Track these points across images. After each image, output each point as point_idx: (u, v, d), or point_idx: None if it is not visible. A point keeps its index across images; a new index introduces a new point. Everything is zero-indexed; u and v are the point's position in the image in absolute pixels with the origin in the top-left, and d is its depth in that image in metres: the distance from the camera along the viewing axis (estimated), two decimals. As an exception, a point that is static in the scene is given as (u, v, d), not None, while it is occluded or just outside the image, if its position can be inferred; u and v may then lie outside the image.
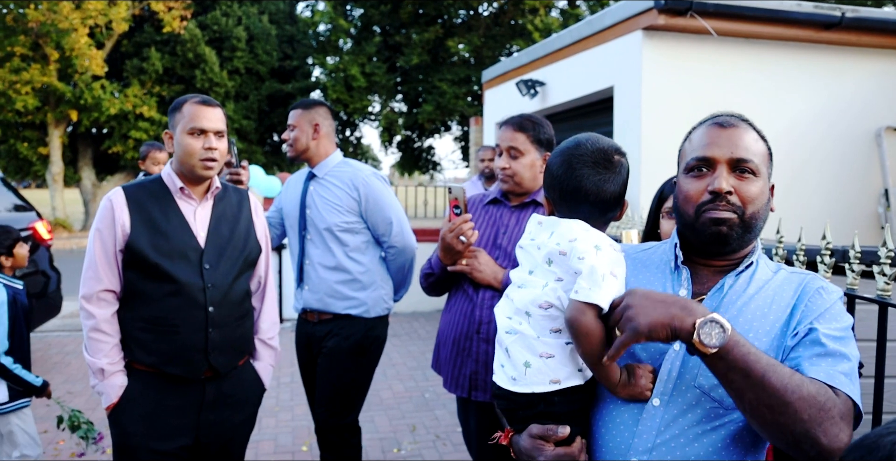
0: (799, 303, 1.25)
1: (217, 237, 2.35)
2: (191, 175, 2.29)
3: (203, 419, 2.32)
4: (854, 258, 2.01)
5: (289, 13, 21.30)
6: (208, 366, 2.28)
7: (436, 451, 4.45)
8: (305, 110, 3.09)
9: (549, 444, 1.28)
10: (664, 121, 5.21)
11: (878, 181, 5.66)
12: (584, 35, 6.04)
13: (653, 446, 1.21)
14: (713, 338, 1.09)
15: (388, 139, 22.48)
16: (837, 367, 1.15)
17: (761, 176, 1.29)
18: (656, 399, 1.24)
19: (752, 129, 1.34)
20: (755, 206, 1.27)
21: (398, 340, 7.50)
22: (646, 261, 1.41)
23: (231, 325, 2.34)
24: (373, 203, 3.04)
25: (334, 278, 3.03)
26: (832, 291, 1.27)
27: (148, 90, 18.22)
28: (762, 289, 1.29)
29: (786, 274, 1.32)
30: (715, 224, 1.24)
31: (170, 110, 2.32)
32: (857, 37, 5.37)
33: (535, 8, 19.03)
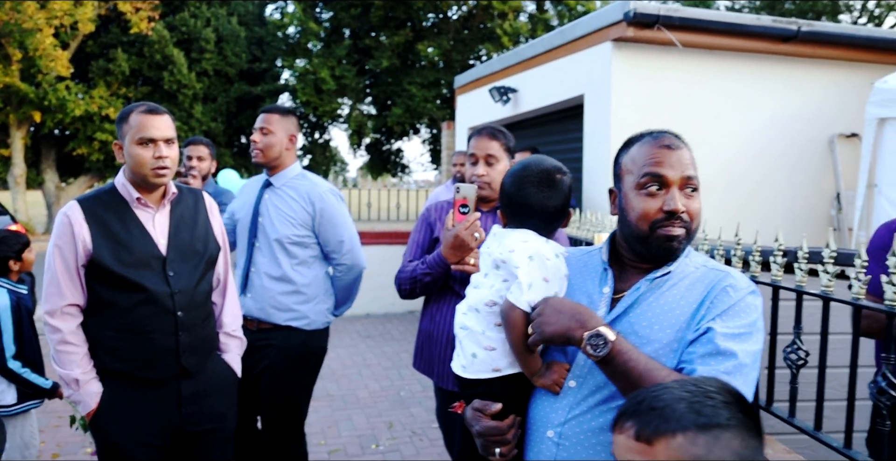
0: (706, 300, 1.40)
1: (178, 242, 2.37)
2: (144, 184, 2.30)
3: (184, 412, 2.38)
4: (802, 258, 2.22)
5: (258, 15, 21.19)
6: (180, 367, 2.34)
7: (413, 447, 4.60)
8: (283, 117, 3.10)
9: (486, 417, 1.51)
10: (632, 128, 5.37)
11: (831, 185, 5.96)
12: (556, 44, 6.24)
13: (565, 420, 1.42)
14: (598, 349, 1.31)
15: (357, 142, 22.51)
16: (721, 366, 1.31)
17: (700, 190, 1.45)
18: (573, 381, 1.45)
19: (687, 147, 1.49)
20: (697, 221, 1.44)
21: (372, 341, 7.62)
22: (587, 262, 1.59)
23: (198, 327, 2.40)
24: (327, 219, 3.05)
25: (279, 289, 3.02)
26: (740, 289, 1.40)
27: (114, 92, 17.99)
28: (675, 285, 1.44)
29: (705, 270, 1.46)
30: (668, 240, 1.41)
31: (117, 121, 2.31)
32: (812, 49, 5.66)
33: (503, 12, 19.26)
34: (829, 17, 22.73)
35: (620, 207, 1.50)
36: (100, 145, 17.57)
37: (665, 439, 0.96)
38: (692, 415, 0.96)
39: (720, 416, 0.96)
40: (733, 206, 5.60)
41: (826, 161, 5.98)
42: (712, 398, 0.98)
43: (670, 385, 1.03)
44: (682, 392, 0.99)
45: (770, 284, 2.39)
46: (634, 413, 1.01)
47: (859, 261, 1.99)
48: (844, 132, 5.86)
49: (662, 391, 1.01)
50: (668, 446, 0.96)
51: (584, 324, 1.35)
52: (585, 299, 1.52)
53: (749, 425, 0.98)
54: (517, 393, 1.54)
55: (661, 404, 0.99)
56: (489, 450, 1.52)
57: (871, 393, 1.88)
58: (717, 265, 1.48)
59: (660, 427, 0.96)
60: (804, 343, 2.20)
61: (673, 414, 0.97)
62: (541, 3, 20.97)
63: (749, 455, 0.96)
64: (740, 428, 0.97)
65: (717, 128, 5.66)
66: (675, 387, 1.01)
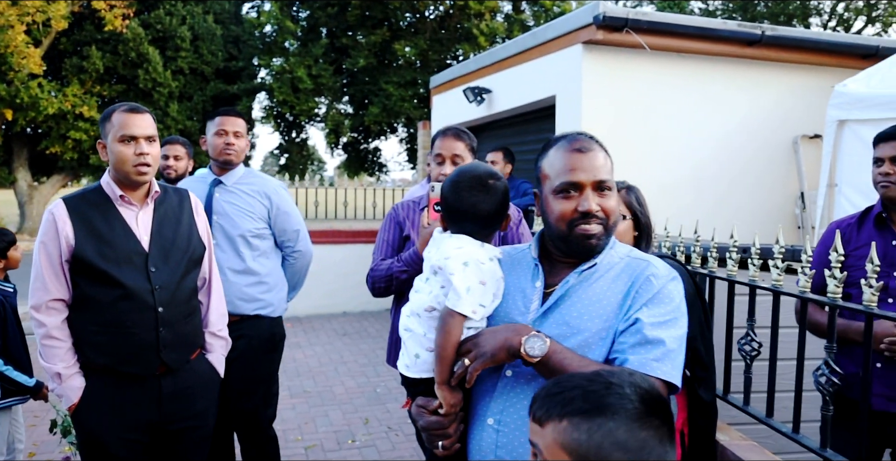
0: (631, 290, 1.50)
1: (160, 240, 2.43)
2: (127, 181, 2.37)
3: (164, 410, 2.43)
4: (755, 254, 2.34)
5: (234, 13, 21.06)
6: (161, 362, 2.39)
7: (389, 442, 4.68)
8: (244, 121, 3.30)
9: (428, 412, 1.61)
10: (602, 128, 5.55)
11: (795, 185, 6.13)
12: (528, 46, 6.35)
13: (503, 408, 1.52)
14: (535, 350, 1.42)
15: (335, 141, 22.47)
16: (650, 354, 1.42)
17: (614, 188, 1.56)
18: (509, 370, 1.55)
19: (600, 146, 1.60)
20: (615, 216, 1.56)
21: (349, 339, 7.68)
22: (520, 259, 1.69)
23: (180, 323, 2.44)
24: (283, 212, 3.30)
25: (244, 281, 3.18)
26: (661, 277, 1.51)
27: (88, 90, 17.77)
28: (602, 277, 1.55)
29: (629, 260, 1.57)
30: (587, 238, 1.52)
31: (100, 120, 2.39)
32: (776, 53, 5.82)
33: (480, 12, 19.36)
34: (800, 20, 23.13)
35: (542, 209, 1.62)
36: (73, 144, 17.35)
37: (553, 422, 1.02)
38: (580, 403, 1.01)
39: (607, 406, 1.00)
40: (702, 205, 5.75)
41: (791, 161, 6.16)
42: (609, 388, 1.02)
43: (578, 374, 1.09)
44: (583, 381, 1.05)
45: (726, 279, 2.51)
46: (538, 397, 1.08)
47: (805, 257, 2.11)
48: (808, 133, 6.03)
49: (568, 379, 1.07)
50: (554, 429, 1.01)
51: (519, 332, 1.46)
52: (519, 294, 1.61)
53: (643, 419, 1.00)
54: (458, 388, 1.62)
55: (558, 390, 1.05)
56: (433, 443, 1.62)
57: (815, 380, 2.00)
58: (639, 255, 1.59)
59: (550, 410, 1.03)
60: (762, 335, 2.31)
61: (563, 400, 1.02)
62: (517, 4, 21.11)
63: (634, 446, 0.98)
64: (629, 419, 0.99)
65: (686, 129, 5.81)
66: (580, 377, 1.07)
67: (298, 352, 7.03)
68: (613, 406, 1.00)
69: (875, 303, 1.85)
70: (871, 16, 22.57)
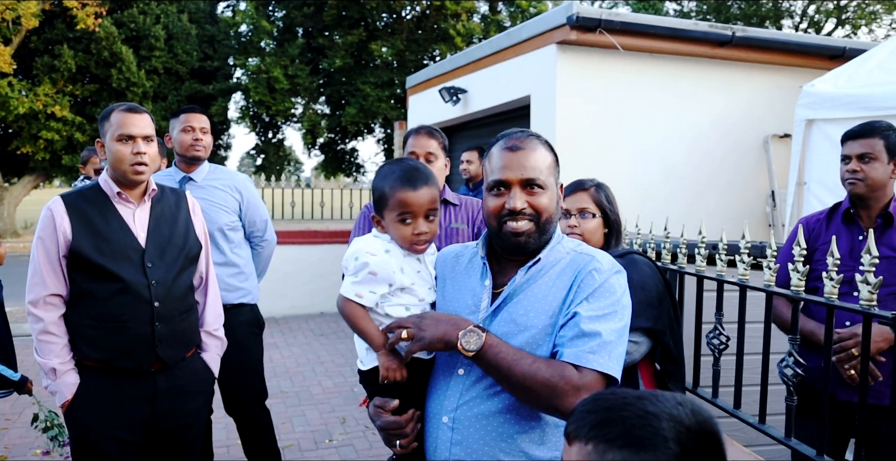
0: (574, 284, 1.53)
1: (157, 237, 2.48)
2: (124, 180, 2.41)
3: (157, 408, 2.45)
4: (722, 249, 2.39)
5: (209, 13, 20.88)
6: (156, 358, 2.41)
7: (366, 441, 4.68)
8: (208, 118, 3.39)
9: (386, 412, 1.64)
10: (577, 127, 5.61)
11: (766, 184, 6.24)
12: (503, 46, 6.39)
13: (457, 406, 1.55)
14: (471, 344, 1.45)
15: (312, 141, 22.38)
16: (586, 346, 1.44)
17: (549, 187, 1.57)
18: (461, 369, 1.58)
19: (541, 144, 1.61)
20: (547, 213, 1.56)
21: (326, 339, 7.66)
22: (471, 258, 1.72)
23: (176, 319, 2.48)
24: (252, 205, 3.48)
25: (226, 273, 3.31)
26: (604, 271, 1.53)
27: (60, 89, 17.51)
28: (547, 273, 1.57)
29: (574, 255, 1.59)
30: (515, 236, 1.55)
31: (99, 120, 2.45)
32: (747, 53, 5.91)
33: (457, 13, 19.41)
34: (772, 21, 23.49)
35: (482, 207, 1.69)
36: (45, 144, 17.10)
37: (579, 443, 0.94)
38: (608, 428, 0.91)
39: (637, 440, 0.89)
40: (675, 203, 5.83)
41: (761, 160, 6.26)
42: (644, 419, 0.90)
43: (620, 392, 0.98)
44: (619, 402, 0.94)
45: (694, 274, 2.56)
46: (574, 411, 1.00)
47: (770, 252, 2.16)
48: (778, 133, 6.14)
49: (605, 397, 0.97)
50: (579, 450, 0.93)
51: (459, 326, 1.49)
52: (469, 293, 1.64)
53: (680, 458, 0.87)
54: (413, 388, 1.66)
55: (592, 408, 0.96)
56: (391, 442, 1.65)
57: (780, 372, 2.05)
58: (585, 249, 1.61)
59: (579, 429, 0.95)
60: (731, 330, 2.37)
61: (593, 421, 0.93)
62: (494, 5, 21.19)
63: None
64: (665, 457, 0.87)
65: (659, 128, 5.89)
66: (620, 395, 0.96)
67: (276, 352, 6.99)
68: (644, 442, 0.87)
69: (836, 296, 1.90)
70: (841, 18, 22.98)
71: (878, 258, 2.49)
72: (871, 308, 1.75)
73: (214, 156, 22.03)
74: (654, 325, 2.26)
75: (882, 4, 21.91)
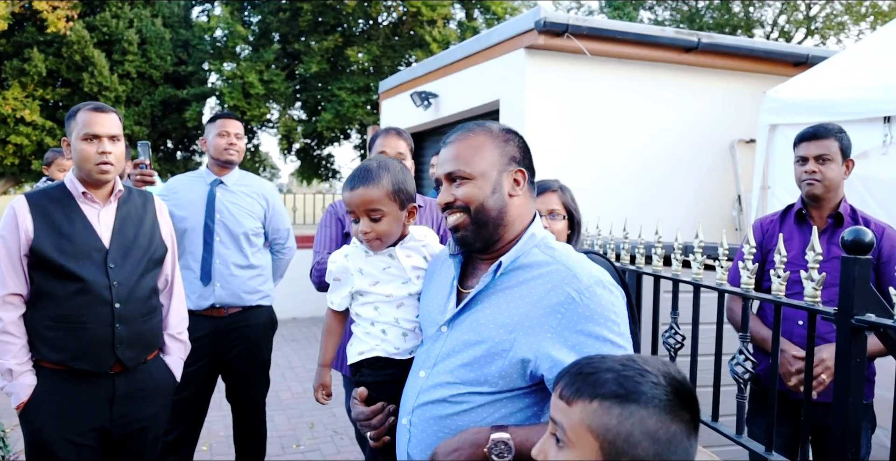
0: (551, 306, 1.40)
1: (121, 237, 2.46)
2: (90, 179, 2.41)
3: (115, 411, 2.43)
4: (677, 249, 2.41)
5: (184, 17, 20.69)
6: (116, 360, 2.39)
7: (333, 445, 4.65)
8: (241, 124, 3.53)
9: (360, 403, 1.67)
10: (546, 131, 5.64)
11: (733, 188, 6.31)
12: (473, 51, 6.41)
13: (413, 408, 1.53)
14: (504, 455, 1.35)
15: (287, 147, 22.27)
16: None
17: (479, 175, 1.49)
18: (422, 371, 1.55)
19: (480, 132, 1.53)
20: (476, 203, 1.48)
21: (297, 344, 7.62)
22: (446, 256, 1.70)
23: (137, 321, 2.46)
24: (277, 213, 3.62)
25: (247, 275, 3.45)
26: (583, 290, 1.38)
27: (30, 93, 17.23)
28: (524, 281, 1.46)
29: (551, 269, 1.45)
30: (454, 231, 1.53)
31: (66, 119, 2.45)
32: (713, 59, 6.00)
33: (432, 19, 19.45)
34: (744, 30, 23.87)
35: None
36: (14, 149, 16.80)
37: (582, 402, 1.00)
38: (613, 386, 0.99)
39: (641, 393, 0.98)
40: (644, 208, 5.88)
41: (728, 165, 6.34)
42: (644, 376, 1.00)
43: (611, 357, 1.06)
44: (616, 364, 1.02)
45: (651, 274, 2.58)
46: (567, 374, 1.06)
47: (721, 251, 2.18)
48: (744, 138, 6.22)
49: (601, 361, 1.05)
50: (583, 409, 1.00)
51: (479, 442, 1.38)
52: (441, 293, 1.62)
53: (675, 411, 0.98)
54: (391, 384, 1.68)
55: (591, 370, 1.02)
56: (364, 434, 1.65)
57: (730, 369, 2.07)
58: (565, 259, 1.47)
59: (581, 390, 1.01)
60: (689, 331, 2.38)
61: (597, 381, 1.00)
62: (470, 12, 21.27)
63: (663, 438, 0.97)
64: (661, 410, 0.97)
65: (627, 133, 5.94)
66: (613, 359, 1.04)
67: (245, 358, 6.93)
68: (647, 394, 0.98)
69: (783, 293, 1.92)
70: (811, 28, 23.41)
71: (830, 258, 2.55)
72: (815, 304, 1.78)
73: (189, 161, 21.85)
74: (611, 325, 2.28)
75: (850, 15, 22.37)
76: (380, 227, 1.71)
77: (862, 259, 1.63)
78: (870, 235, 1.63)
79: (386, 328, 1.72)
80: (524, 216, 1.55)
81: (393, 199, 1.71)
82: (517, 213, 1.53)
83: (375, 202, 1.69)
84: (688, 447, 1.00)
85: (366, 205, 1.69)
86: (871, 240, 1.63)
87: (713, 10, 24.69)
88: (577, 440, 1.00)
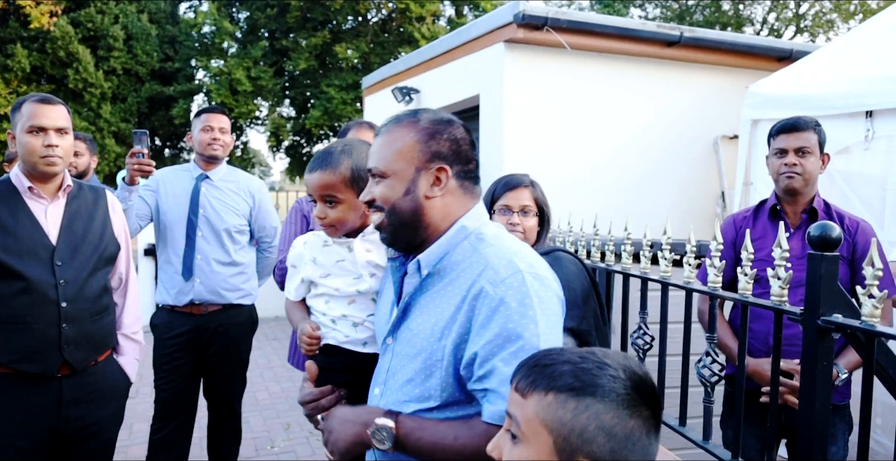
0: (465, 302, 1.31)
1: (70, 234, 2.38)
2: (35, 173, 2.33)
3: (64, 415, 2.35)
4: (646, 246, 2.33)
5: (170, 13, 20.52)
6: (63, 361, 2.31)
7: (309, 447, 4.57)
8: (227, 118, 3.47)
9: (311, 383, 1.63)
10: (526, 126, 5.55)
11: (717, 184, 6.24)
12: (453, 45, 6.31)
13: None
14: (384, 442, 1.31)
15: (276, 144, 22.15)
16: (503, 393, 1.22)
17: (392, 175, 1.38)
18: (377, 388, 1.47)
19: (397, 126, 1.42)
20: (388, 204, 1.38)
21: (278, 343, 7.53)
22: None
23: (87, 320, 2.37)
24: (264, 211, 3.56)
25: (229, 272, 3.39)
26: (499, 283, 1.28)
27: (13, 89, 17.05)
28: (445, 279, 1.38)
29: (468, 264, 1.36)
30: (378, 231, 1.45)
31: (11, 111, 2.36)
32: (695, 54, 5.90)
33: (421, 16, 19.34)
34: (735, 28, 23.88)
35: None
36: (-1, 146, 16.65)
37: (537, 394, 0.97)
38: (570, 379, 0.96)
39: (598, 386, 0.95)
40: (626, 204, 5.79)
41: (712, 161, 6.26)
42: (602, 369, 0.96)
43: (569, 349, 1.03)
44: (575, 356, 0.99)
45: (620, 272, 2.49)
46: (523, 367, 1.03)
47: (689, 247, 2.10)
48: (728, 134, 6.14)
49: (558, 353, 1.02)
50: (537, 402, 0.97)
51: (366, 421, 1.35)
52: (387, 302, 1.54)
53: (634, 406, 0.95)
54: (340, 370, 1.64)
55: (548, 362, 1.00)
56: (313, 420, 1.60)
57: (697, 372, 1.99)
58: (488, 251, 1.36)
59: (536, 382, 0.98)
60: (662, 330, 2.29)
61: (553, 373, 0.97)
62: (459, 8, 21.17)
63: (620, 434, 0.93)
64: (619, 405, 0.94)
65: (609, 128, 5.85)
66: (571, 352, 1.01)
67: (223, 357, 6.83)
68: (605, 387, 0.95)
69: (749, 291, 1.84)
70: (800, 26, 23.43)
71: (804, 255, 2.46)
72: (782, 304, 1.69)
73: (177, 159, 21.70)
74: (578, 325, 2.19)
75: (839, 13, 22.40)
76: (334, 214, 1.66)
77: (829, 256, 1.55)
78: (837, 231, 1.54)
79: (336, 318, 1.68)
80: (451, 216, 1.41)
81: (350, 186, 1.65)
82: (441, 214, 1.40)
83: (331, 188, 1.64)
84: (647, 445, 0.96)
85: (322, 190, 1.65)
86: (839, 236, 1.54)
87: (703, 8, 24.67)
88: (531, 435, 0.97)
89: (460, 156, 1.40)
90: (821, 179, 4.42)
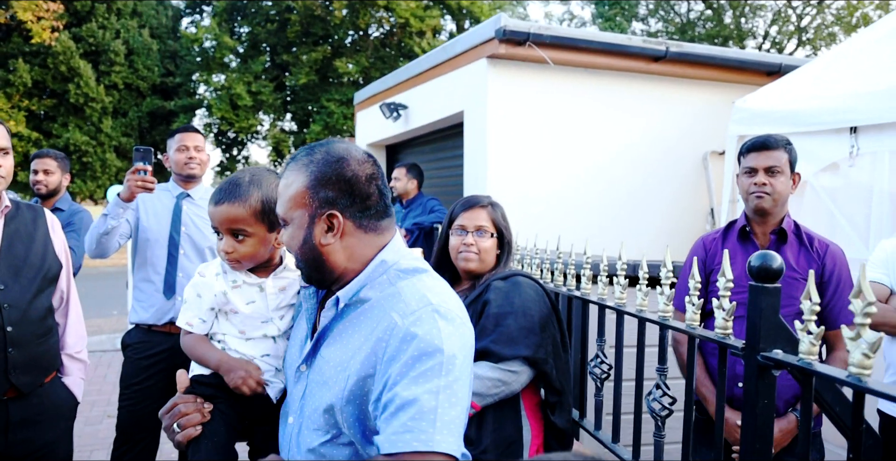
0: (374, 333, 1.28)
1: (11, 256, 2.30)
2: None
3: (11, 438, 2.27)
4: (603, 270, 2.23)
5: (171, 28, 20.68)
6: (11, 386, 2.24)
7: None
8: (203, 136, 3.45)
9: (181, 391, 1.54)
10: (509, 143, 5.47)
11: (706, 201, 6.13)
12: (439, 61, 6.25)
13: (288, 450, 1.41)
14: None
15: (277, 158, 22.19)
16: (399, 423, 1.16)
17: (290, 222, 1.34)
18: (291, 417, 1.42)
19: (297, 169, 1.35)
20: (293, 250, 1.35)
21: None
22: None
23: (33, 343, 2.30)
24: None
25: None
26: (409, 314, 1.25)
27: (15, 104, 17.17)
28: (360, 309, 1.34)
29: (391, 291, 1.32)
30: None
31: None
32: (683, 69, 5.82)
33: (421, 31, 19.39)
34: (736, 42, 23.85)
35: None
36: None
37: None
38: None
39: None
40: (613, 222, 5.70)
41: (701, 177, 6.16)
42: None
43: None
44: None
45: (580, 298, 2.40)
46: None
47: (642, 273, 2.00)
48: (717, 149, 6.04)
49: None
50: None
51: None
52: (301, 330, 1.48)
53: None
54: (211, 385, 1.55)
55: None
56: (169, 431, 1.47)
57: (647, 405, 1.88)
58: (404, 284, 1.33)
59: None
60: (618, 358, 2.19)
61: None
62: (460, 22, 21.23)
63: None
64: None
65: (595, 145, 5.76)
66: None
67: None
68: None
69: (697, 323, 1.74)
70: (802, 39, 23.36)
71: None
72: (726, 337, 1.59)
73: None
74: (534, 354, 2.11)
75: (840, 26, 22.34)
76: (243, 249, 1.54)
77: (770, 288, 1.45)
78: (779, 261, 1.45)
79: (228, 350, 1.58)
80: (360, 256, 1.35)
81: (260, 219, 1.54)
82: (344, 257, 1.34)
83: (240, 221, 1.52)
84: None
85: (229, 223, 1.53)
86: (780, 267, 1.45)
87: (705, 21, 24.65)
88: None
89: (354, 196, 1.32)
90: (806, 195, 4.35)
